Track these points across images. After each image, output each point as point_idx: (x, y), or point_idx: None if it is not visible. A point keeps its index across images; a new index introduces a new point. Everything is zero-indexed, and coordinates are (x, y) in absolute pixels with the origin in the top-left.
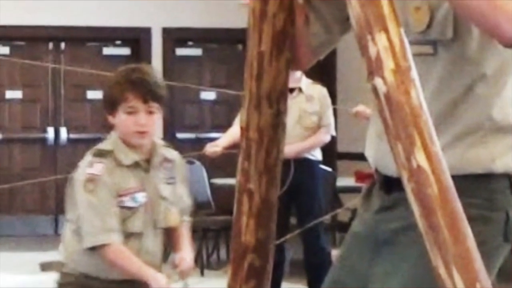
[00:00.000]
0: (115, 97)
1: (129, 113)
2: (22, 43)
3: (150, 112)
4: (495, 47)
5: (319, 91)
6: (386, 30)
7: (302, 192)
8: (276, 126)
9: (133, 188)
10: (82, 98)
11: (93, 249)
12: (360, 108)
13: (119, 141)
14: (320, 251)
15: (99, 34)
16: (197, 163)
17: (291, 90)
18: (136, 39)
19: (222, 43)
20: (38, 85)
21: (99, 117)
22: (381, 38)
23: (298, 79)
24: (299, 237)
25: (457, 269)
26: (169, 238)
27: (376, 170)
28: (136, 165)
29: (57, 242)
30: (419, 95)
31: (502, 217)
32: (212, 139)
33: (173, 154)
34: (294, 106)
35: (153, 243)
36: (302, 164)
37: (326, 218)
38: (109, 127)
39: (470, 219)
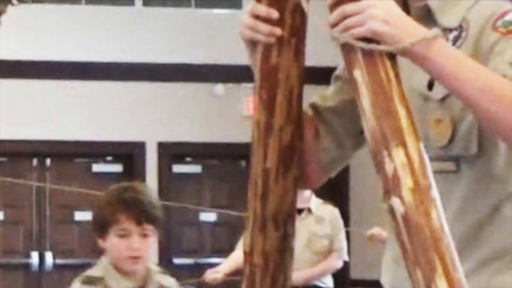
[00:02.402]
0: (106, 218)
1: (121, 236)
2: (3, 159)
3: (144, 235)
4: None
5: (330, 212)
6: (404, 145)
7: None
8: (282, 251)
9: None
10: (70, 220)
11: None
12: (375, 230)
13: (110, 267)
14: None
15: (88, 149)
16: None
17: (300, 211)
18: (129, 154)
19: (224, 159)
20: (21, 206)
21: (88, 241)
22: (398, 154)
23: (307, 198)
24: None
25: None
26: None
27: None
28: None
29: None
30: (440, 217)
31: None
32: (212, 265)
33: (169, 281)
34: (303, 228)
35: None
36: None
37: None
38: (99, 252)
39: None
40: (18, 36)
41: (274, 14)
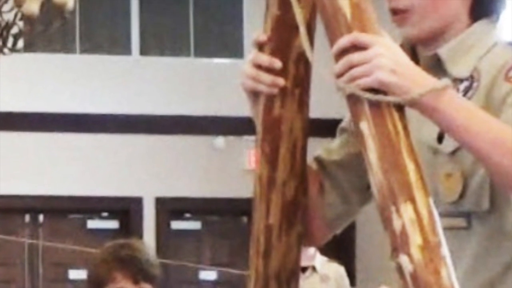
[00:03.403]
0: (101, 277)
1: None
2: None
3: None
4: None
5: (336, 270)
6: (412, 201)
7: None
8: None
9: None
10: (64, 279)
11: None
12: None
13: None
14: None
15: (82, 205)
16: None
17: (304, 269)
18: (126, 210)
19: (224, 215)
20: (12, 264)
21: None
22: (406, 210)
23: (312, 256)
24: None
25: None
26: None
27: None
28: None
29: None
30: (450, 275)
31: None
32: None
33: None
34: (307, 287)
35: None
36: None
37: None
38: None
39: None
40: (9, 86)
41: (277, 63)
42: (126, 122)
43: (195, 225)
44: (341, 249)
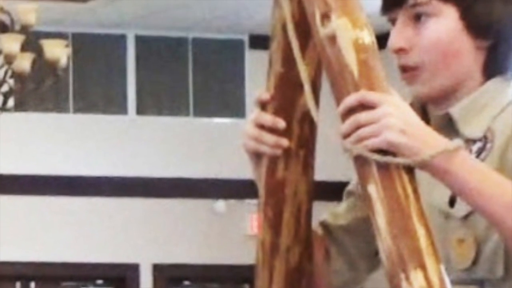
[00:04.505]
0: None
1: None
2: None
3: None
4: None
5: None
6: (423, 267)
7: None
8: None
9: None
10: None
11: None
12: None
13: None
14: None
15: (76, 272)
16: None
17: None
18: (121, 277)
19: (225, 282)
20: None
21: None
22: (417, 277)
23: None
24: None
25: None
26: None
27: None
28: None
29: None
30: None
31: None
32: None
33: None
34: None
35: None
36: None
37: None
38: None
39: None
40: None
41: (281, 123)
42: (122, 185)
43: None
44: None
